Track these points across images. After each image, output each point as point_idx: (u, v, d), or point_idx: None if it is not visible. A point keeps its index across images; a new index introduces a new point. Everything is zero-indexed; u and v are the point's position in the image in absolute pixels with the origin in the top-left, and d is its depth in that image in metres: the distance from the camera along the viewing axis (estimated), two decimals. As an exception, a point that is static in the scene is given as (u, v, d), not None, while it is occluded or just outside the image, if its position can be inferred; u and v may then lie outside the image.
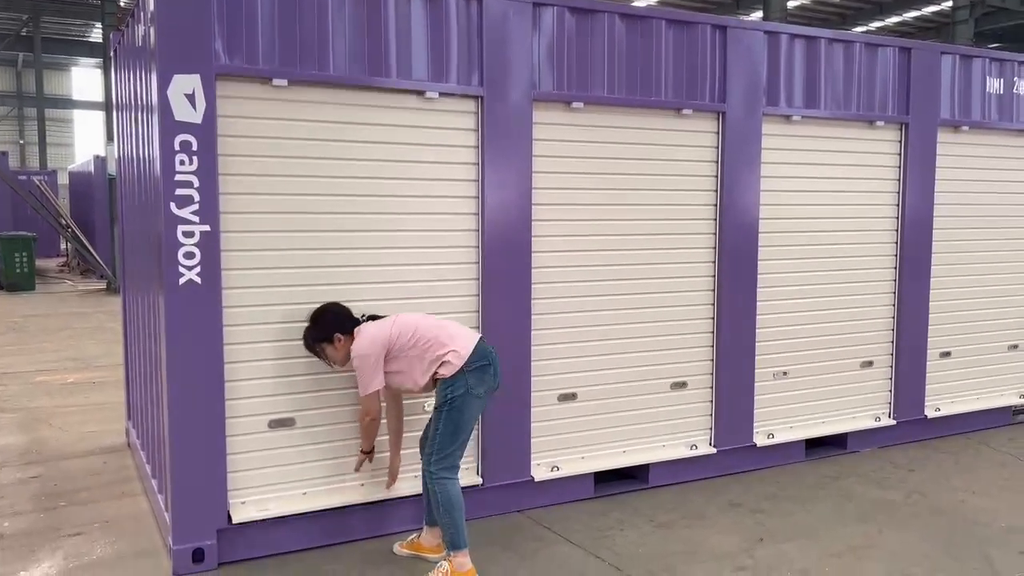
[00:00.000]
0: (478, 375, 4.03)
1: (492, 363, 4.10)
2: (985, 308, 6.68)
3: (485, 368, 4.06)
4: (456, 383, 4.00)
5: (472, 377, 4.01)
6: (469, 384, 4.00)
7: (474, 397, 4.02)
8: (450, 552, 4.01)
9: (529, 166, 4.78)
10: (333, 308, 4.21)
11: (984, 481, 5.49)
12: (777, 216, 5.66)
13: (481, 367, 4.05)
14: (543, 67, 4.82)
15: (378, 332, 4.07)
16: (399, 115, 4.49)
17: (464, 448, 4.10)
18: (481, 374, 4.04)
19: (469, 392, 4.00)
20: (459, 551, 3.98)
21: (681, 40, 5.23)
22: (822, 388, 5.98)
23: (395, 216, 4.53)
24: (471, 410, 4.04)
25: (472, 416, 4.06)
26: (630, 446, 5.31)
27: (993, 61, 6.49)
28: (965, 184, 6.45)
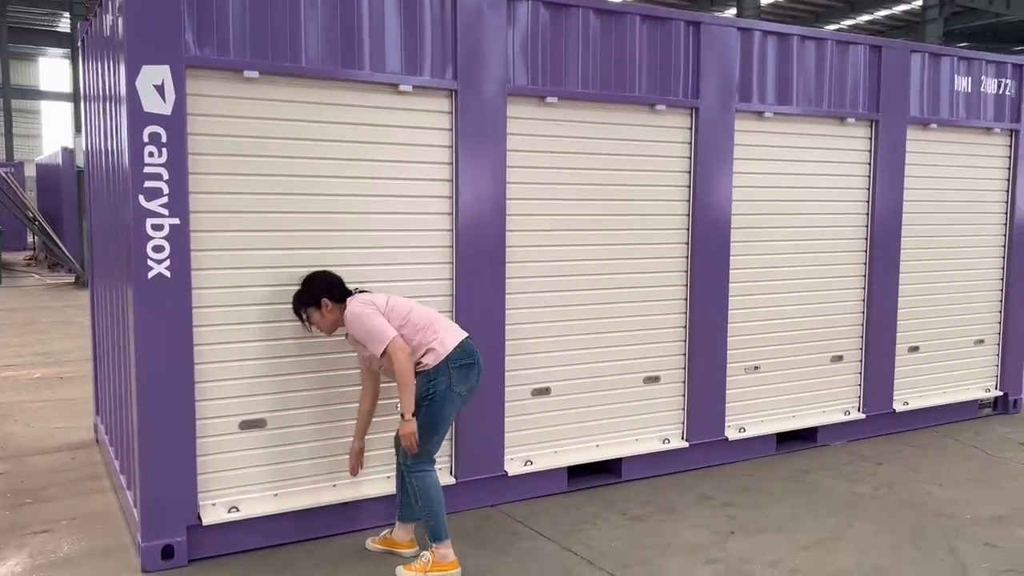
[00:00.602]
0: (462, 372, 4.01)
1: (476, 363, 4.08)
2: (952, 304, 6.78)
3: (469, 367, 4.04)
4: (439, 377, 3.97)
5: (456, 374, 3.99)
6: (452, 380, 3.98)
7: (455, 394, 4.00)
8: (432, 544, 4.01)
9: (503, 161, 4.77)
10: (323, 274, 4.14)
11: (951, 474, 5.58)
12: (749, 212, 5.70)
13: (466, 365, 4.03)
14: (517, 61, 4.81)
15: (373, 299, 4.04)
16: (373, 108, 4.45)
17: (440, 443, 4.11)
18: (465, 372, 4.03)
19: (451, 388, 3.98)
20: (441, 542, 3.99)
21: (655, 36, 5.25)
22: (793, 382, 6.04)
23: (368, 215, 4.50)
24: (450, 406, 4.02)
25: (450, 412, 4.05)
26: (603, 440, 5.33)
27: (961, 60, 6.58)
28: (933, 181, 6.54)
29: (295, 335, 4.33)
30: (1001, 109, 6.81)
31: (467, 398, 4.14)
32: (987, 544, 4.44)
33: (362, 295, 4.11)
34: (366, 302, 4.01)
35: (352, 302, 4.03)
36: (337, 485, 4.51)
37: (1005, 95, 6.81)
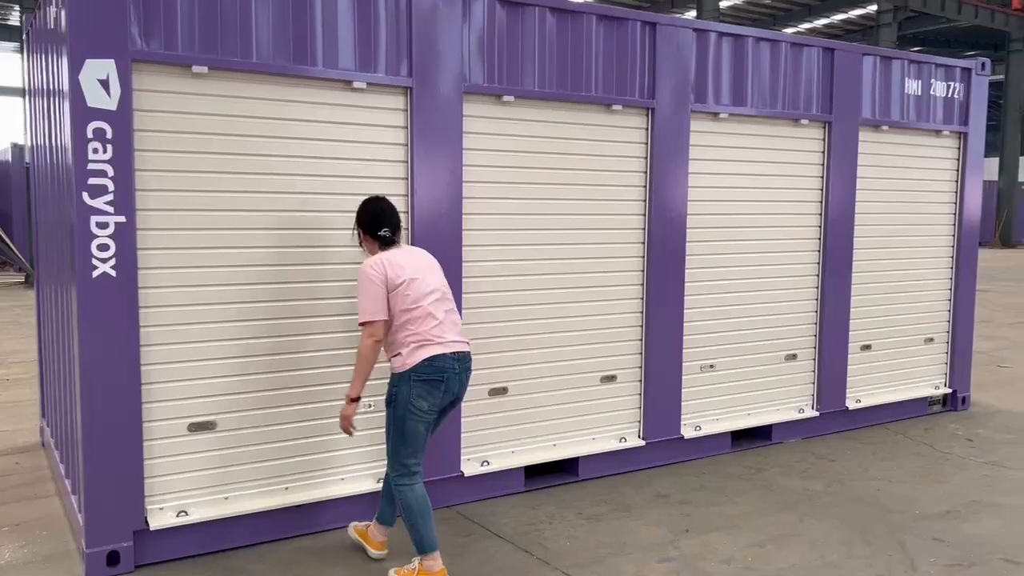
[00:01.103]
0: (424, 388, 3.77)
1: (444, 381, 3.80)
2: (903, 302, 6.91)
3: (434, 383, 3.78)
4: (401, 386, 3.79)
5: (417, 387, 3.77)
6: (412, 394, 3.76)
7: (415, 409, 3.77)
8: (419, 555, 3.89)
9: (460, 160, 4.74)
10: (370, 204, 3.97)
11: (901, 470, 5.68)
12: (705, 212, 5.74)
13: (429, 381, 3.77)
14: (473, 59, 4.78)
15: (391, 265, 3.79)
16: (326, 105, 4.39)
17: (417, 455, 3.86)
18: (427, 387, 3.78)
19: (410, 402, 3.77)
20: (426, 554, 3.85)
21: (611, 36, 5.25)
22: (748, 381, 6.10)
23: (321, 213, 4.44)
24: (412, 422, 3.79)
25: (414, 428, 3.80)
26: (560, 439, 5.33)
27: (911, 63, 6.70)
28: (885, 182, 6.65)
29: (246, 336, 4.26)
30: (950, 112, 6.95)
31: (436, 416, 3.89)
32: (935, 539, 4.52)
33: (388, 254, 3.86)
34: (378, 265, 3.79)
35: (370, 259, 3.85)
36: (290, 488, 4.45)
37: (954, 98, 6.95)
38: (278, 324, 4.36)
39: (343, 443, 4.56)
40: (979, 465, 5.79)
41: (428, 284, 3.86)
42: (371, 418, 4.66)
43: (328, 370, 4.50)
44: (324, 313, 4.48)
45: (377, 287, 3.77)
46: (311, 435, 4.49)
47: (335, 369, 4.52)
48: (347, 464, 4.61)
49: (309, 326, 4.44)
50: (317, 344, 4.46)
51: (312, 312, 4.44)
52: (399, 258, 3.87)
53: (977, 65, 7.02)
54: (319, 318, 4.46)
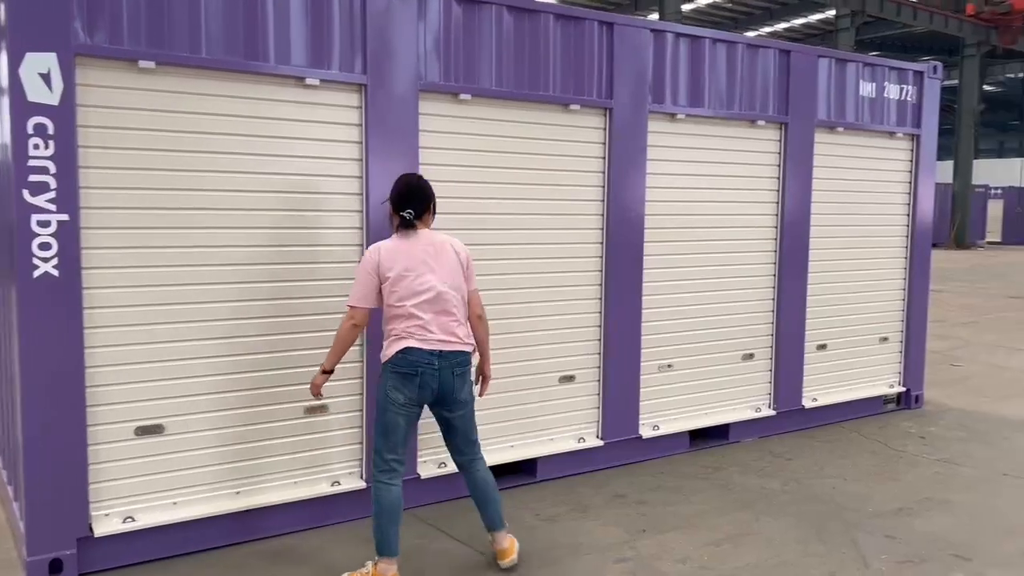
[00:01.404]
0: (398, 379, 3.79)
1: (418, 375, 3.77)
2: (858, 302, 6.99)
3: (407, 376, 3.78)
4: (383, 375, 3.86)
5: (393, 379, 3.79)
6: (388, 385, 3.80)
7: (391, 401, 3.79)
8: (377, 557, 3.85)
9: (416, 158, 4.69)
10: (402, 180, 3.97)
11: (855, 468, 5.74)
12: (662, 212, 5.76)
13: (403, 374, 3.78)
14: (429, 57, 4.74)
15: (377, 256, 3.82)
16: (278, 102, 4.32)
17: (395, 452, 3.84)
18: (402, 380, 3.78)
19: (387, 394, 3.80)
20: (384, 558, 3.83)
21: (569, 35, 5.24)
22: (705, 380, 6.13)
23: (273, 212, 4.36)
24: (391, 414, 3.80)
25: (395, 421, 3.81)
26: (518, 440, 5.30)
27: (866, 66, 6.79)
28: (840, 183, 6.73)
29: (194, 337, 4.17)
30: (903, 114, 7.05)
31: (412, 410, 3.85)
32: (887, 536, 4.57)
33: (392, 242, 3.86)
34: (374, 253, 3.82)
35: (373, 244, 3.89)
36: (241, 492, 4.37)
37: (907, 101, 7.05)
38: (227, 325, 4.27)
39: (296, 446, 4.49)
40: (931, 463, 5.88)
41: (423, 282, 3.81)
42: (327, 420, 4.59)
43: (280, 372, 4.43)
44: (276, 314, 4.40)
45: (368, 275, 3.82)
46: (262, 438, 4.41)
47: (288, 371, 4.44)
48: (300, 468, 4.54)
49: (260, 327, 4.36)
50: (268, 345, 4.39)
51: (263, 313, 4.36)
52: (403, 248, 3.84)
53: (929, 68, 7.14)
54: (270, 319, 4.39)
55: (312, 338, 4.49)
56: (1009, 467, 5.78)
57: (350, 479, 4.68)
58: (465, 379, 3.96)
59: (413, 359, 3.78)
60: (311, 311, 4.48)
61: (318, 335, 4.50)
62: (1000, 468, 5.76)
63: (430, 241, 3.91)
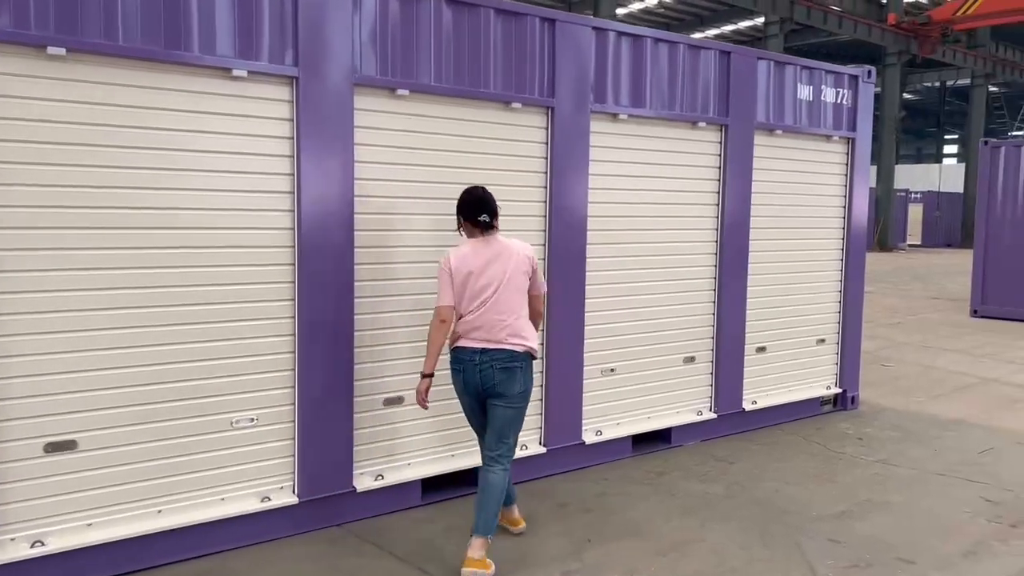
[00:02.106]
0: (454, 374, 4.21)
1: (463, 370, 4.13)
2: (796, 304, 7.02)
3: (456, 372, 4.18)
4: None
5: (452, 373, 4.21)
6: (453, 375, 4.22)
7: (456, 388, 4.23)
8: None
9: (350, 155, 4.47)
10: (469, 193, 4.24)
11: (796, 471, 5.73)
12: (605, 214, 5.65)
13: (454, 369, 4.19)
14: (365, 50, 4.53)
15: (449, 259, 4.14)
16: (202, 94, 4.05)
17: (479, 436, 4.34)
18: (455, 374, 4.20)
19: (454, 380, 4.22)
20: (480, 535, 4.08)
21: (510, 31, 5.09)
22: (648, 384, 6.05)
23: (196, 211, 4.09)
24: (460, 397, 4.27)
25: (462, 405, 4.30)
26: (458, 449, 5.12)
27: (803, 69, 6.82)
28: (778, 186, 6.74)
29: (108, 346, 3.87)
30: (839, 117, 7.11)
31: (470, 400, 4.23)
32: (831, 540, 4.54)
33: (463, 248, 4.16)
34: (446, 260, 4.13)
35: (454, 250, 4.17)
36: (163, 511, 4.08)
37: (843, 104, 7.12)
38: (145, 332, 3.99)
39: (222, 460, 4.23)
40: (869, 464, 5.91)
41: (483, 286, 4.09)
42: (256, 433, 4.33)
43: (204, 381, 4.16)
44: (198, 320, 4.13)
45: (446, 276, 4.12)
46: (186, 452, 4.14)
47: (212, 380, 4.18)
48: (227, 483, 4.27)
49: (182, 334, 4.09)
50: (190, 354, 4.11)
51: (185, 319, 4.09)
52: (471, 252, 4.14)
53: (864, 73, 7.23)
54: (192, 325, 4.12)
55: (239, 345, 4.24)
56: (942, 467, 5.85)
57: (281, 494, 4.43)
58: (509, 374, 4.12)
59: (458, 356, 4.18)
60: (238, 317, 4.23)
61: (246, 342, 4.26)
62: (934, 468, 5.82)
63: (501, 245, 4.19)
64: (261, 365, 4.34)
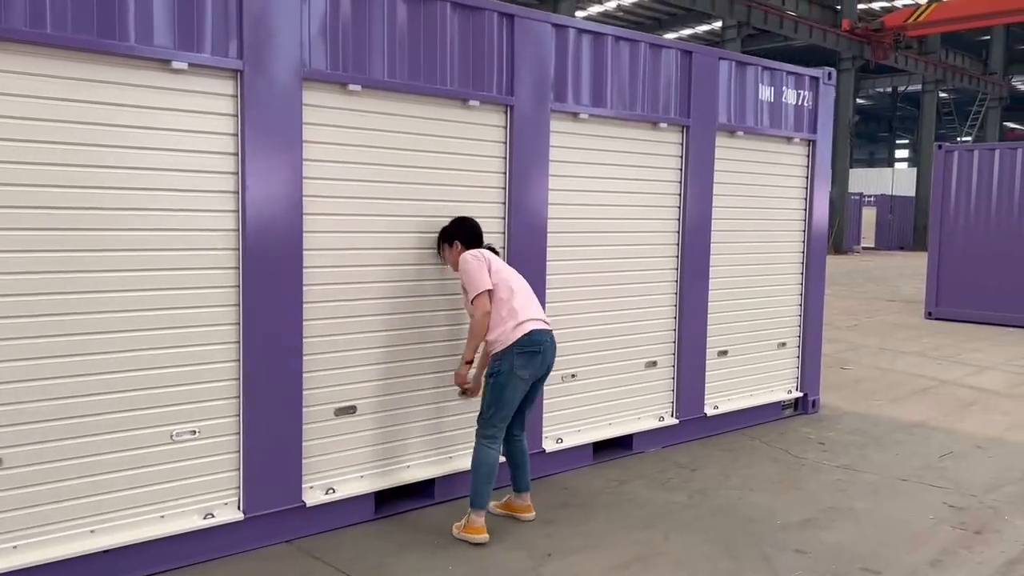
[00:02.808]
0: (525, 359, 4.36)
1: (542, 352, 4.41)
2: (758, 308, 6.94)
3: (533, 355, 4.37)
4: (504, 360, 4.34)
5: (519, 359, 4.34)
6: (515, 364, 4.33)
7: (517, 377, 4.36)
8: (470, 507, 4.41)
9: (298, 153, 4.26)
10: (469, 221, 4.65)
11: (759, 477, 5.64)
12: (565, 216, 5.50)
13: (529, 352, 4.36)
14: (315, 43, 4.31)
15: (488, 254, 4.53)
16: (139, 87, 3.81)
17: (505, 422, 4.45)
18: (528, 358, 4.37)
19: (513, 371, 4.33)
20: (475, 510, 4.41)
21: (467, 26, 4.91)
22: (610, 389, 5.91)
23: (133, 212, 3.84)
24: (512, 389, 4.37)
25: (513, 394, 4.39)
26: (414, 460, 4.93)
27: (765, 70, 6.74)
28: (740, 188, 6.66)
29: (34, 355, 3.60)
30: (800, 119, 7.06)
31: (532, 382, 4.46)
32: (797, 551, 4.44)
33: (481, 250, 4.54)
34: (477, 255, 4.46)
35: (467, 251, 4.49)
36: (96, 531, 3.83)
37: (803, 106, 7.07)
38: (77, 341, 3.73)
39: (161, 476, 3.99)
40: (832, 469, 5.84)
41: (508, 277, 4.53)
42: (198, 446, 4.09)
43: (142, 393, 3.91)
44: (133, 327, 3.88)
45: (480, 263, 4.41)
46: (122, 468, 3.89)
47: (150, 392, 3.93)
48: (166, 500, 4.02)
49: (115, 343, 3.83)
50: (125, 363, 3.86)
51: (119, 326, 3.83)
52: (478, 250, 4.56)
53: (824, 74, 7.19)
54: (127, 333, 3.86)
55: (180, 354, 4.00)
56: (904, 472, 5.81)
57: (226, 510, 4.19)
58: (555, 350, 4.57)
59: (536, 338, 4.39)
60: (178, 324, 3.99)
61: (187, 350, 4.02)
62: (896, 473, 5.78)
63: None
64: (203, 374, 4.10)
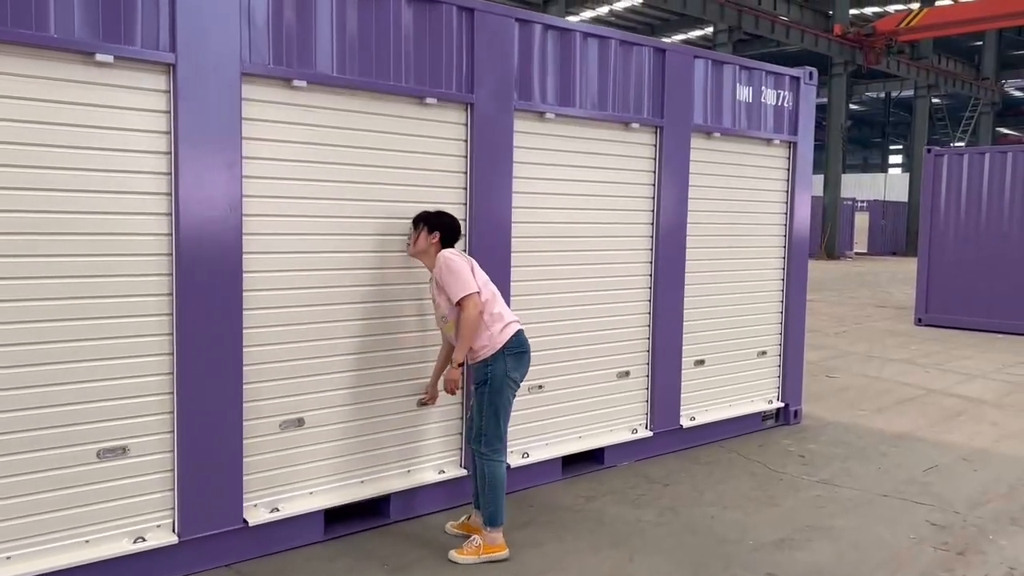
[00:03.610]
0: (516, 360, 4.28)
1: (528, 352, 4.35)
2: (736, 315, 6.70)
3: (522, 355, 4.31)
4: (495, 364, 4.23)
5: (511, 360, 4.26)
6: (508, 367, 4.24)
7: (510, 380, 4.26)
8: (487, 527, 4.26)
9: (237, 151, 4.00)
10: (452, 216, 4.44)
11: (734, 493, 5.39)
12: (531, 220, 5.26)
13: (519, 353, 4.29)
14: (256, 36, 4.06)
15: (463, 253, 4.38)
16: (62, 82, 3.56)
17: (506, 429, 4.32)
18: (519, 359, 4.30)
19: (507, 375, 4.24)
20: (495, 527, 4.26)
21: (423, 20, 4.67)
22: (579, 400, 5.66)
23: (59, 215, 3.59)
24: (508, 392, 4.27)
25: (509, 398, 4.29)
26: (368, 475, 4.67)
27: (743, 69, 6.51)
28: (716, 191, 6.42)
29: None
30: (780, 120, 6.82)
31: (516, 388, 4.35)
32: (769, 574, 4.19)
33: (460, 250, 4.44)
34: (460, 254, 4.32)
35: (447, 250, 4.30)
36: (13, 557, 3.58)
37: (784, 107, 6.84)
38: (-7, 352, 3.47)
39: (88, 497, 3.73)
40: (812, 484, 5.59)
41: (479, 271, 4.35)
42: (127, 465, 3.84)
43: (66, 408, 3.65)
44: (60, 338, 3.63)
45: (463, 263, 4.24)
46: (42, 489, 3.63)
47: (75, 407, 3.67)
48: (92, 523, 3.76)
49: (38, 355, 3.58)
50: (48, 377, 3.61)
51: (42, 337, 3.59)
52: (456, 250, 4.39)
53: (805, 74, 6.96)
54: (51, 344, 3.61)
55: (108, 367, 3.75)
56: (888, 487, 5.56)
57: (158, 533, 3.93)
58: None
59: (524, 338, 4.35)
60: (107, 334, 3.74)
61: (116, 362, 3.77)
62: (878, 488, 5.53)
63: None
64: (134, 388, 3.84)
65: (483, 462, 4.28)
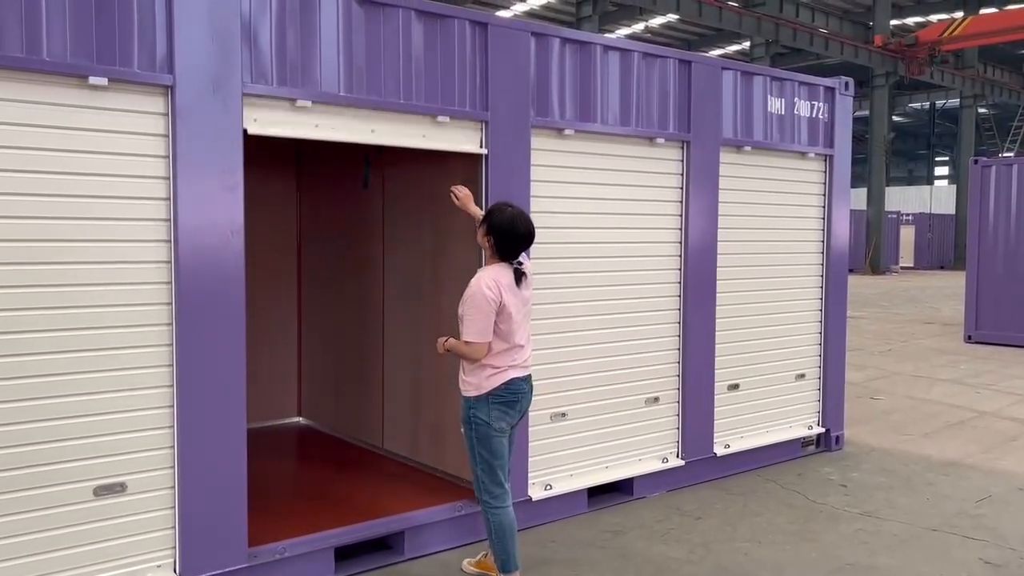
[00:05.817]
0: (502, 410, 3.94)
1: (520, 400, 4.00)
2: (772, 336, 6.39)
3: (511, 404, 3.97)
4: (478, 409, 3.92)
5: (496, 410, 3.93)
6: (491, 416, 3.92)
7: (493, 431, 3.92)
8: (501, 574, 4.00)
9: (240, 176, 3.85)
10: (519, 228, 3.95)
11: (771, 527, 5.08)
12: (551, 240, 5.03)
13: (507, 402, 3.95)
14: (257, 55, 3.92)
15: (501, 290, 3.85)
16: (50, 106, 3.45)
17: (503, 471, 3.99)
18: (505, 409, 3.95)
19: (489, 425, 3.91)
20: (509, 574, 3.98)
21: (435, 36, 4.51)
22: (605, 429, 5.40)
23: (51, 244, 3.47)
24: (495, 441, 3.94)
25: (498, 447, 3.96)
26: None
27: (774, 80, 6.25)
28: (749, 207, 6.14)
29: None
30: (815, 133, 6.54)
31: (510, 430, 4.04)
32: (805, 619, 3.89)
33: (500, 273, 3.91)
34: (493, 288, 3.84)
35: (485, 273, 3.91)
36: (3, 599, 3.42)
37: (819, 119, 6.55)
38: (-16, 387, 3.35)
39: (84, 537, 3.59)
40: (854, 517, 5.25)
41: (514, 309, 3.92)
42: (126, 503, 3.68)
43: (62, 444, 3.52)
44: (56, 371, 3.50)
45: (489, 306, 3.83)
46: (36, 529, 3.49)
47: (71, 443, 3.53)
48: (90, 563, 3.60)
49: (33, 389, 3.45)
50: (43, 412, 3.48)
51: (39, 371, 3.46)
52: (506, 278, 3.91)
53: (840, 84, 6.67)
54: (47, 378, 3.48)
55: (106, 400, 3.61)
56: (936, 520, 5.20)
57: (159, 573, 3.76)
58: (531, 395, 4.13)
59: (514, 387, 3.96)
60: (104, 367, 3.60)
61: (113, 396, 3.62)
62: (927, 522, 5.17)
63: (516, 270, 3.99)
64: (133, 423, 3.69)
65: (487, 511, 4.01)
